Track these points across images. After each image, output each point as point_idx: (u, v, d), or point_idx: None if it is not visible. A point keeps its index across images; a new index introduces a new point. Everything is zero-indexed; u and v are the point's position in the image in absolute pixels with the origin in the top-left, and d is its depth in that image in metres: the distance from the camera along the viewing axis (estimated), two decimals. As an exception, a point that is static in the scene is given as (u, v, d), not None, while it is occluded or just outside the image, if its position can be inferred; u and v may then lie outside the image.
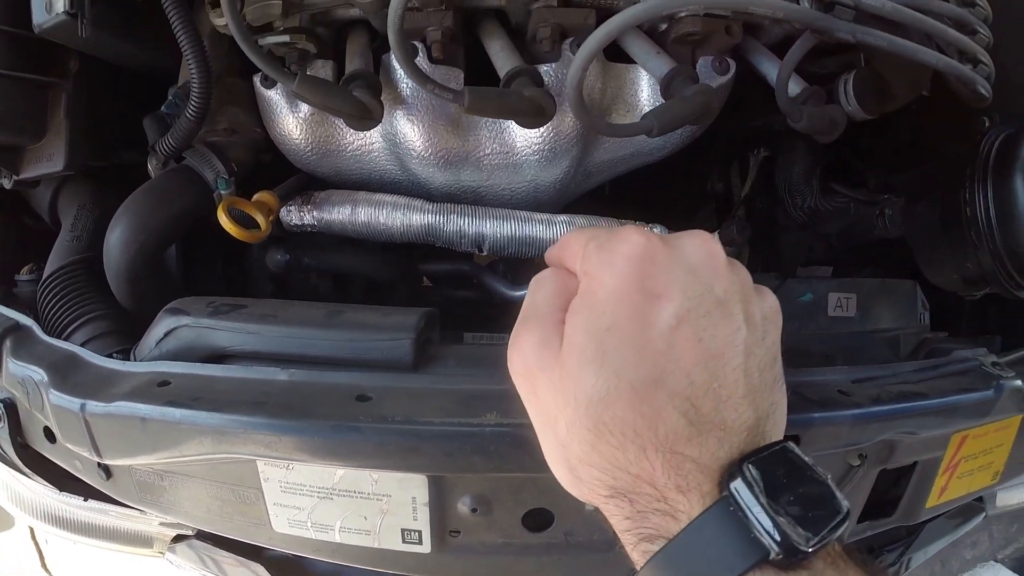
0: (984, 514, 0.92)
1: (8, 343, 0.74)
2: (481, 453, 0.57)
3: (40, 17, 0.68)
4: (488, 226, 0.74)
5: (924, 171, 0.79)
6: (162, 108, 0.75)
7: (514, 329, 0.48)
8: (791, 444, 0.41)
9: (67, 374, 0.69)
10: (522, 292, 0.82)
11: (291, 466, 0.63)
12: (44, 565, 2.16)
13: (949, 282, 0.77)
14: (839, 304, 0.74)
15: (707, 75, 0.70)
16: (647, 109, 0.72)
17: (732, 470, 0.39)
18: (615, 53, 0.73)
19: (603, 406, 0.40)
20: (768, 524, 0.37)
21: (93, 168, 0.81)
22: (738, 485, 0.38)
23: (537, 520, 0.64)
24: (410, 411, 0.59)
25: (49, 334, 0.75)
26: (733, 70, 0.70)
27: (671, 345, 0.40)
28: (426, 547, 0.65)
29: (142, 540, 0.88)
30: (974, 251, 0.71)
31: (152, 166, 0.82)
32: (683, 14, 0.68)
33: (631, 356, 0.40)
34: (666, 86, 0.68)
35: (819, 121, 0.67)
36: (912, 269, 0.77)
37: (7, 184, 0.78)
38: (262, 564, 0.87)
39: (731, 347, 0.41)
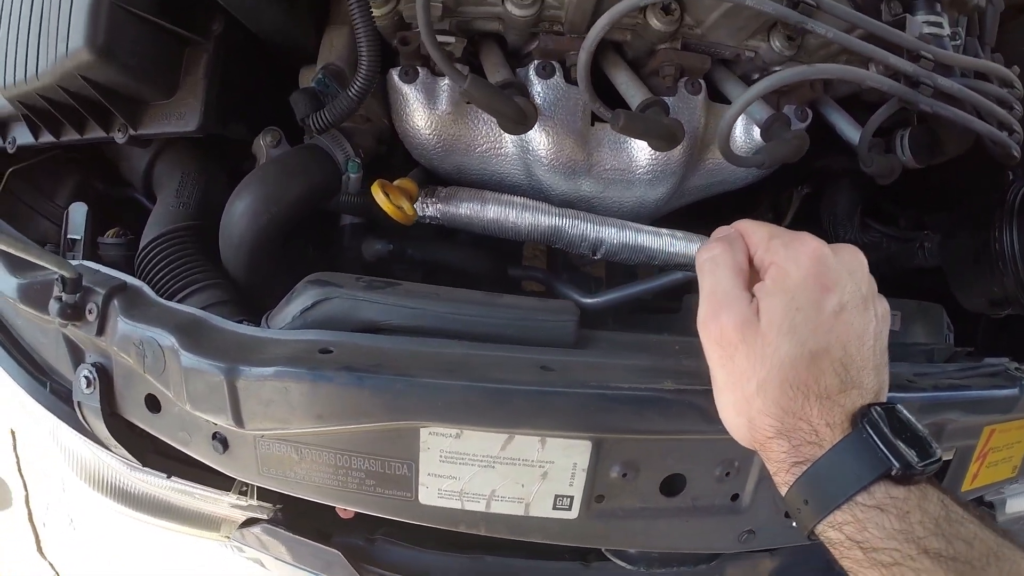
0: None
1: (116, 302, 0.59)
2: (664, 413, 0.55)
3: None
4: (607, 233, 0.71)
5: (959, 212, 0.86)
6: (312, 84, 0.65)
7: (707, 306, 0.50)
8: (900, 406, 0.47)
9: (199, 338, 0.56)
10: (592, 299, 0.79)
11: (460, 434, 0.55)
12: (40, 550, 1.73)
13: (978, 304, 0.83)
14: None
15: (792, 122, 0.73)
16: (739, 144, 0.74)
17: (865, 411, 0.45)
18: (715, 95, 0.74)
19: (790, 367, 0.46)
20: (890, 447, 0.43)
21: (203, 137, 0.68)
22: (870, 420, 0.45)
23: (672, 486, 0.60)
24: (594, 377, 0.54)
25: (158, 297, 0.61)
26: (810, 118, 0.74)
27: (834, 326, 0.47)
28: (574, 513, 0.59)
29: (211, 523, 0.73)
30: (1000, 278, 0.77)
31: (265, 142, 0.70)
32: (776, 68, 0.71)
33: (811, 331, 0.46)
34: (766, 129, 0.70)
35: (884, 167, 0.72)
36: (935, 295, 0.84)
37: (120, 139, 0.63)
38: (338, 550, 0.75)
39: (867, 332, 0.48)
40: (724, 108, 0.74)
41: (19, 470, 1.83)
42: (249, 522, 0.74)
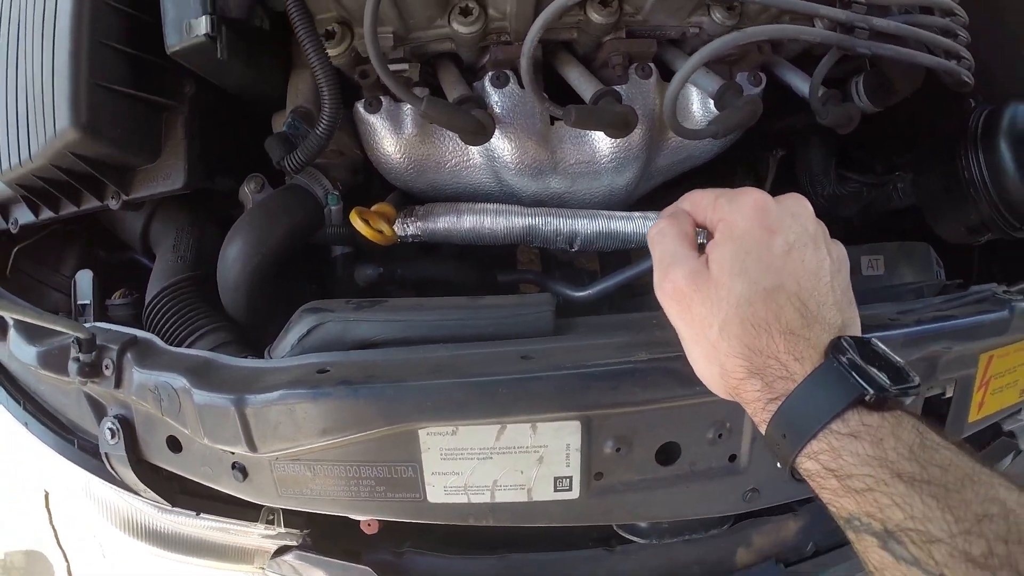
0: (1018, 451, 0.98)
1: (130, 355, 0.68)
2: (640, 384, 0.62)
3: (175, 39, 0.67)
4: (580, 225, 0.79)
5: (925, 149, 0.92)
6: (284, 128, 0.75)
7: (658, 270, 0.56)
8: (872, 338, 0.51)
9: (208, 376, 0.65)
10: (583, 292, 0.87)
11: (456, 431, 0.63)
12: None
13: (957, 234, 0.89)
14: (870, 265, 0.85)
15: (745, 88, 0.80)
16: (698, 118, 0.81)
17: (834, 342, 0.50)
18: (666, 74, 0.81)
19: (747, 305, 0.51)
20: (861, 374, 0.47)
21: (188, 194, 0.78)
22: (839, 348, 0.49)
23: (667, 454, 0.67)
24: (571, 359, 0.62)
25: (168, 346, 0.70)
26: (764, 82, 0.81)
27: (785, 263, 0.52)
28: (575, 492, 0.66)
29: (244, 555, 0.82)
30: (974, 205, 0.83)
31: (248, 189, 0.80)
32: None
33: (762, 269, 0.51)
34: (719, 99, 0.76)
35: (840, 117, 0.78)
36: (922, 236, 0.90)
37: (114, 205, 0.73)
38: (369, 567, 0.83)
39: (822, 269, 0.53)
40: (679, 86, 0.81)
41: (58, 542, 1.97)
42: (281, 550, 0.83)
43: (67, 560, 1.95)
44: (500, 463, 0.64)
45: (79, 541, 1.94)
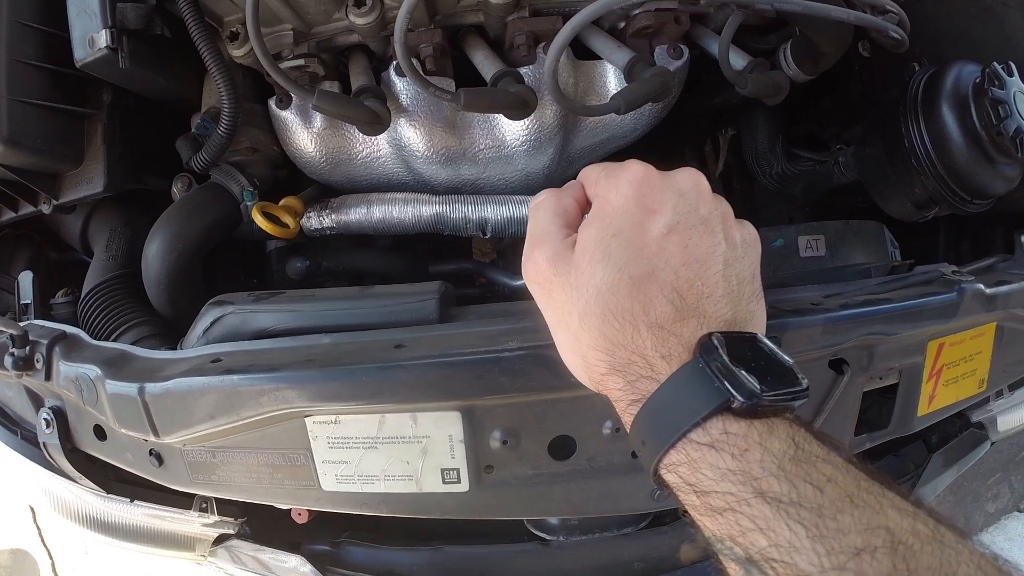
0: (989, 441, 0.98)
1: (58, 349, 0.79)
2: (508, 373, 0.65)
3: (82, 53, 0.78)
4: (489, 211, 0.84)
5: (867, 119, 0.91)
6: (193, 130, 0.84)
7: (525, 249, 0.56)
8: (760, 335, 0.49)
9: (121, 367, 0.75)
10: (522, 281, 0.91)
11: (338, 419, 0.70)
12: None
13: (903, 210, 0.88)
14: (809, 245, 0.85)
15: (664, 61, 0.82)
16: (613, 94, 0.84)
17: (703, 339, 0.46)
18: (583, 53, 0.85)
19: (609, 294, 0.49)
20: (729, 377, 0.43)
21: (121, 194, 0.89)
22: (705, 347, 0.46)
23: (562, 449, 0.71)
24: (442, 348, 0.67)
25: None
26: (686, 55, 0.83)
27: (662, 248, 0.49)
28: (464, 485, 0.71)
29: (185, 543, 0.92)
30: (918, 177, 0.82)
31: (177, 188, 0.90)
32: (637, 11, 0.81)
33: (631, 255, 0.49)
34: (628, 73, 0.79)
35: (763, 86, 0.79)
36: (878, 214, 0.89)
37: (46, 209, 0.85)
38: (305, 557, 0.91)
39: (712, 256, 0.50)
40: (593, 64, 0.84)
41: (42, 540, 2.17)
42: (220, 539, 0.93)
43: (51, 558, 2.15)
44: (385, 453, 0.71)
45: (62, 540, 2.14)
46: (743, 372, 0.43)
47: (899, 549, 0.36)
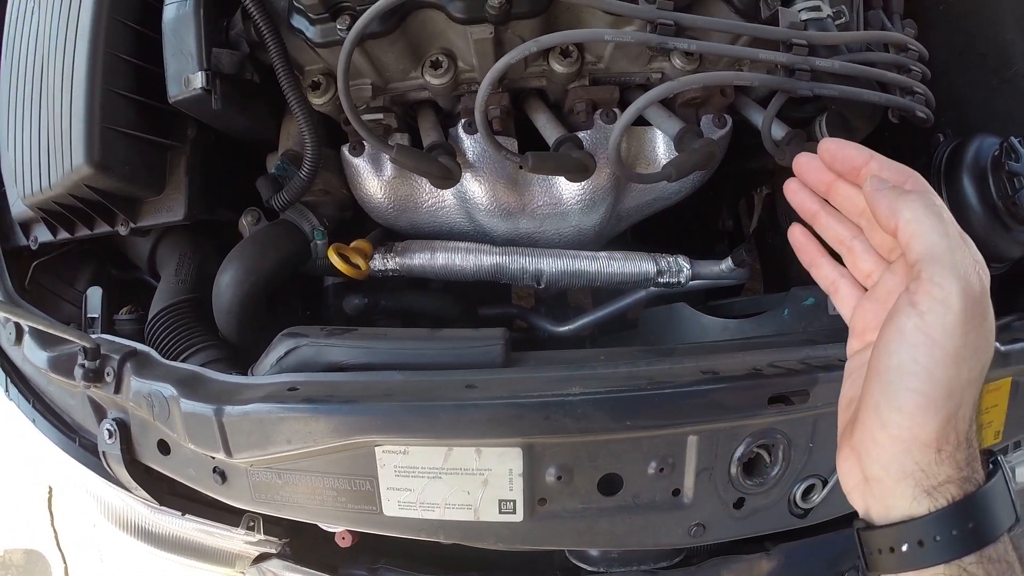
0: None
1: (129, 365, 0.82)
2: (571, 416, 0.70)
3: (176, 91, 0.81)
4: (545, 263, 0.90)
5: None
6: (272, 171, 0.89)
7: (962, 249, 0.50)
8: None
9: (195, 387, 0.79)
10: (564, 327, 0.98)
11: (407, 450, 0.75)
12: None
13: None
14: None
15: (708, 130, 0.89)
16: (663, 161, 0.91)
17: (991, 455, 0.53)
18: (635, 120, 0.92)
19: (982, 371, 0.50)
20: (1014, 500, 0.50)
21: (194, 223, 0.93)
22: (1002, 467, 0.51)
23: (610, 485, 0.75)
24: (511, 390, 0.73)
25: (164, 361, 0.85)
26: (730, 124, 0.90)
27: None
28: (519, 516, 0.76)
29: (226, 559, 0.95)
30: None
31: (246, 221, 0.95)
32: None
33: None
34: (678, 142, 0.86)
35: None
36: None
37: (123, 231, 0.89)
38: (343, 580, 0.96)
39: None
40: (644, 130, 0.92)
41: (58, 543, 2.17)
42: (261, 557, 0.96)
43: (65, 562, 2.14)
44: (448, 483, 0.75)
45: (78, 544, 2.13)
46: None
47: None
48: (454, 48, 0.85)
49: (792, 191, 0.65)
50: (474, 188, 0.90)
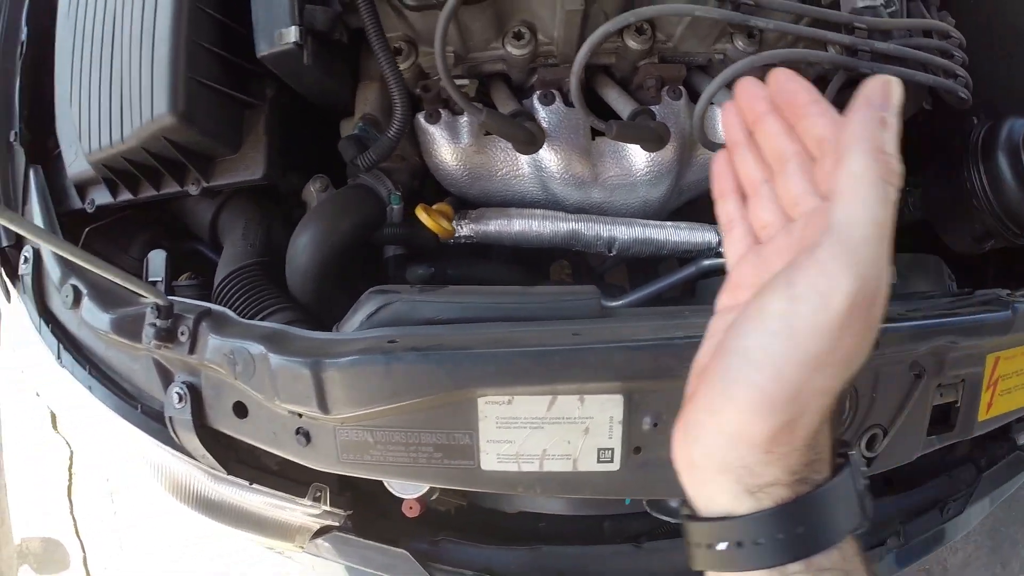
0: None
1: (206, 324, 0.80)
2: (678, 357, 0.71)
3: (266, 46, 0.80)
4: (618, 231, 0.92)
5: (933, 165, 1.06)
6: (355, 131, 0.89)
7: (863, 188, 0.39)
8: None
9: (285, 344, 0.77)
10: (615, 302, 1.00)
11: (511, 399, 0.75)
12: None
13: (963, 244, 1.03)
14: None
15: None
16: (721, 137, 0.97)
17: (843, 448, 0.45)
18: (694, 96, 0.96)
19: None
20: (864, 501, 0.43)
21: (252, 188, 0.92)
22: (852, 461, 0.44)
23: None
24: (618, 336, 0.74)
25: (239, 322, 0.82)
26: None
27: None
28: (616, 465, 0.76)
29: (287, 532, 0.91)
30: (978, 215, 0.97)
31: (314, 188, 0.94)
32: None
33: None
34: None
35: None
36: (932, 249, 1.03)
37: (194, 190, 0.86)
38: (407, 551, 0.93)
39: None
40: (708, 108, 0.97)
41: (76, 532, 2.06)
42: (321, 531, 0.93)
43: (84, 551, 2.04)
44: (550, 433, 0.76)
45: (97, 533, 2.03)
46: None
47: None
48: (535, 20, 0.88)
49: (727, 114, 0.52)
50: (549, 157, 0.92)
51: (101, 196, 0.92)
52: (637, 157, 0.94)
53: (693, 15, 0.80)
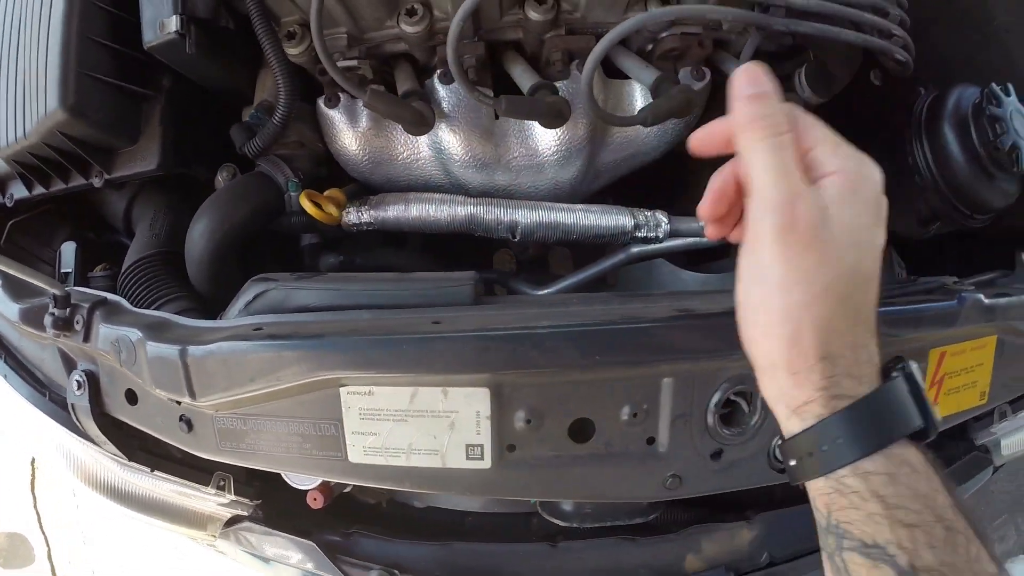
0: (993, 466, 1.03)
1: (99, 313, 0.83)
2: (539, 348, 0.70)
3: (151, 36, 0.84)
4: (520, 215, 0.90)
5: (877, 139, 0.95)
6: (247, 119, 0.90)
7: (777, 186, 0.50)
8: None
9: (162, 331, 0.79)
10: (542, 291, 0.97)
11: (372, 391, 0.74)
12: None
13: (907, 226, 0.95)
14: None
15: (687, 82, 0.90)
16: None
17: (900, 361, 0.52)
18: (613, 72, 0.92)
19: (850, 282, 0.50)
20: (926, 409, 0.50)
21: (164, 179, 0.95)
22: (907, 372, 0.51)
23: (581, 432, 0.74)
24: (480, 325, 0.72)
25: (135, 310, 0.85)
26: (708, 77, 0.90)
27: (877, 259, 0.53)
28: (487, 462, 0.74)
29: (198, 521, 0.95)
30: (921, 194, 0.90)
31: (221, 177, 0.96)
32: (664, 34, 0.89)
33: (867, 252, 0.52)
34: (654, 90, 0.85)
35: None
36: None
37: (97, 183, 0.91)
38: (314, 543, 0.95)
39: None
40: (622, 83, 0.92)
41: (40, 527, 2.20)
42: (233, 520, 0.96)
43: (48, 545, 2.18)
44: (415, 426, 0.74)
45: (61, 526, 2.16)
46: (927, 404, 0.50)
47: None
48: (429, -4, 0.86)
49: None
50: (449, 139, 0.91)
51: (19, 190, 0.98)
52: (543, 136, 0.91)
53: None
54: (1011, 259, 1.01)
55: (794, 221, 0.49)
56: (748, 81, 0.53)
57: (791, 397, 0.51)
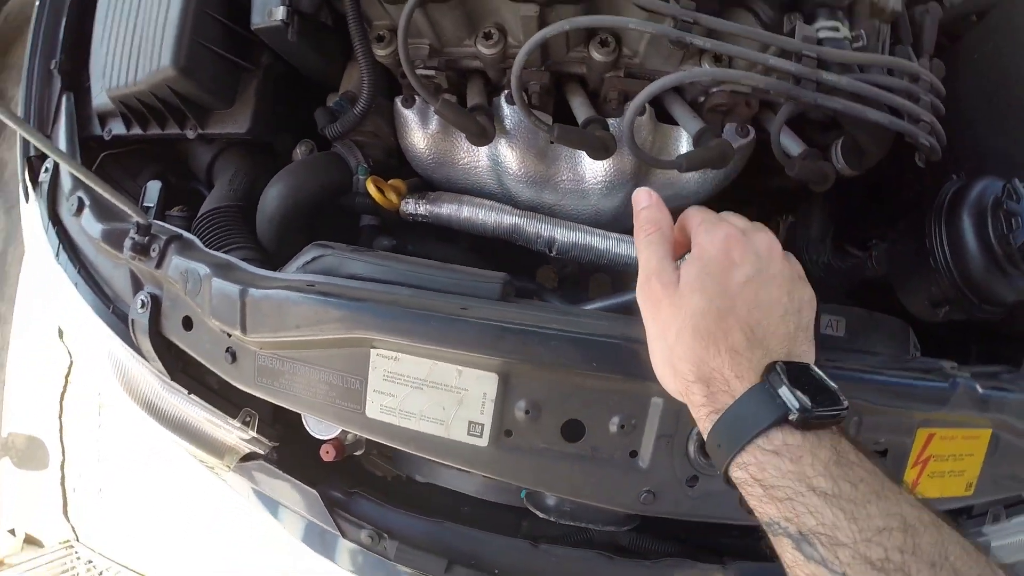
0: None
1: (174, 245, 0.96)
2: (545, 346, 0.79)
3: (259, 19, 0.98)
4: (559, 232, 1.02)
5: (904, 220, 1.03)
6: (331, 104, 1.03)
7: (643, 273, 0.71)
8: (812, 365, 0.64)
9: (228, 271, 0.91)
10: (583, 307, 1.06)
11: (398, 357, 0.84)
12: (65, 512, 2.19)
13: (919, 306, 1.00)
14: (829, 324, 0.98)
15: (731, 137, 0.99)
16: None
17: (769, 366, 0.62)
18: (665, 118, 1.02)
19: (700, 317, 0.64)
20: (788, 395, 0.59)
21: (249, 144, 1.08)
22: (772, 373, 0.61)
23: (573, 431, 0.82)
24: (499, 316, 0.82)
25: (206, 251, 0.97)
26: (752, 135, 1.00)
27: (741, 292, 0.66)
28: (485, 441, 0.83)
29: (217, 449, 1.05)
30: (936, 277, 0.93)
31: (300, 151, 1.08)
32: (714, 90, 0.98)
33: (719, 292, 0.65)
34: (696, 140, 0.95)
35: (809, 172, 0.95)
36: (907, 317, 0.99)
37: (191, 134, 1.04)
38: (318, 493, 1.05)
39: (777, 304, 0.66)
40: (670, 128, 1.03)
41: (60, 437, 2.32)
42: (249, 456, 1.06)
43: (64, 455, 2.29)
44: (428, 395, 0.84)
45: (80, 442, 2.27)
46: (798, 393, 0.59)
47: (908, 530, 0.53)
48: (506, 24, 0.98)
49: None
50: (507, 153, 1.02)
51: (118, 127, 1.12)
52: (591, 165, 1.02)
53: (627, 27, 0.87)
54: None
55: (651, 291, 0.69)
56: (643, 197, 0.76)
57: (695, 416, 0.66)
